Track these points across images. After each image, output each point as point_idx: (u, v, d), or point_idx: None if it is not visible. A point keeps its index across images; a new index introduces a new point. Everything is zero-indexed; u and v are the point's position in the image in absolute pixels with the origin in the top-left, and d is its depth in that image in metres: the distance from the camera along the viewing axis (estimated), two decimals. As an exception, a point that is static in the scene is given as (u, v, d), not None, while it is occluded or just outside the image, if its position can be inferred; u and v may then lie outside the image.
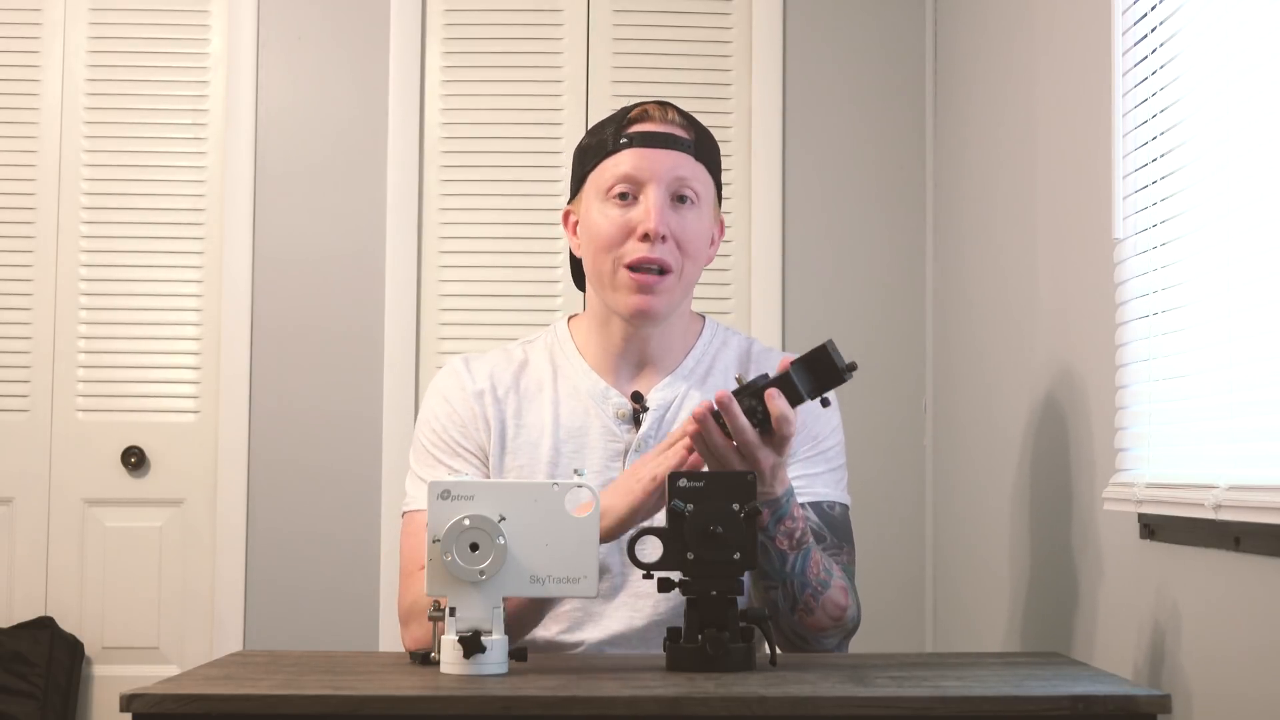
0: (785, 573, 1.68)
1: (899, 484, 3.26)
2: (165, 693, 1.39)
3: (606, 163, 1.83)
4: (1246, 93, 1.54)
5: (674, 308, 1.84)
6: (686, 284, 1.84)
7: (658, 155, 1.81)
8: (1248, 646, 1.51)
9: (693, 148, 1.83)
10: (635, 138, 1.82)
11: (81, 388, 3.32)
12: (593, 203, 1.84)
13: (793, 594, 1.70)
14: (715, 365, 1.90)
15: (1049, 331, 2.29)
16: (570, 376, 1.88)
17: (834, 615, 1.73)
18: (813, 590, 1.70)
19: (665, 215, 1.79)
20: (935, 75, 3.30)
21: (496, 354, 1.92)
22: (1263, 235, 1.50)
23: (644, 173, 1.80)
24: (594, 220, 1.83)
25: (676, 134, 1.83)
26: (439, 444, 1.86)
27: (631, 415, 1.85)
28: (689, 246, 1.81)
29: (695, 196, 1.82)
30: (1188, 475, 1.64)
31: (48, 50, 3.34)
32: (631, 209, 1.80)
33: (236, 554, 3.28)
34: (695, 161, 1.83)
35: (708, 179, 1.85)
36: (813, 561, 1.70)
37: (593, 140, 1.87)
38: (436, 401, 1.89)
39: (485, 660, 1.47)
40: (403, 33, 3.34)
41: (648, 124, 1.84)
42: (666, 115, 1.85)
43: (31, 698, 3.11)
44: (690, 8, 3.36)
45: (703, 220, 1.84)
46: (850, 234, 3.34)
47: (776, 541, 1.66)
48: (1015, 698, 1.39)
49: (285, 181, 3.34)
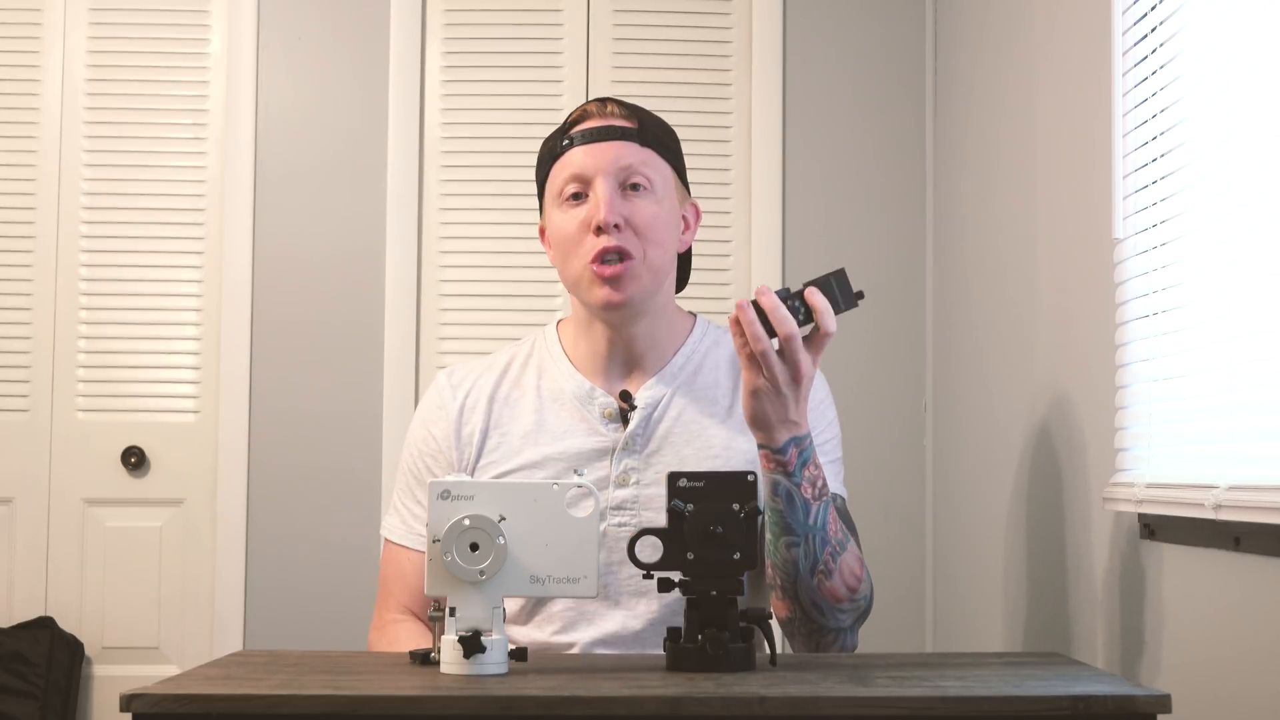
0: (809, 525, 1.66)
1: (899, 484, 3.26)
2: (165, 693, 1.39)
3: (555, 167, 1.85)
4: (1246, 93, 1.54)
5: (646, 295, 1.83)
6: (655, 270, 1.82)
7: (600, 148, 1.82)
8: (1248, 646, 1.51)
9: (637, 135, 1.83)
10: (577, 137, 1.83)
11: (81, 388, 3.32)
12: (552, 210, 1.86)
13: (814, 551, 1.67)
14: (705, 364, 1.89)
15: (1049, 332, 2.29)
16: (555, 379, 1.88)
17: (850, 585, 1.71)
18: (832, 549, 1.68)
19: (615, 204, 1.79)
20: (935, 75, 3.30)
21: (480, 362, 1.94)
22: (1263, 235, 1.50)
23: (589, 168, 1.81)
24: (555, 226, 1.85)
25: (616, 124, 1.84)
26: (413, 472, 1.91)
27: (619, 414, 1.84)
28: (647, 231, 1.81)
29: (647, 182, 1.82)
30: (1188, 475, 1.64)
31: (48, 50, 3.34)
32: (583, 206, 1.81)
33: (236, 554, 3.28)
34: (641, 148, 1.83)
35: (660, 164, 1.85)
36: (831, 517, 1.69)
37: (543, 150, 1.89)
38: (417, 425, 1.93)
39: (485, 660, 1.47)
40: (403, 33, 3.34)
41: (588, 122, 1.85)
42: (606, 109, 1.86)
43: (31, 698, 3.11)
44: (690, 8, 3.36)
45: (660, 204, 1.83)
46: (850, 234, 3.34)
47: (802, 489, 1.65)
48: (1015, 698, 1.39)
49: (285, 181, 3.34)
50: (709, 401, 1.86)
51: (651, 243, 1.81)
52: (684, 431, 1.84)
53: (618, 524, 1.80)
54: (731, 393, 1.87)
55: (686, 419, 1.85)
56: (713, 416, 1.86)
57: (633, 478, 1.81)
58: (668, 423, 1.84)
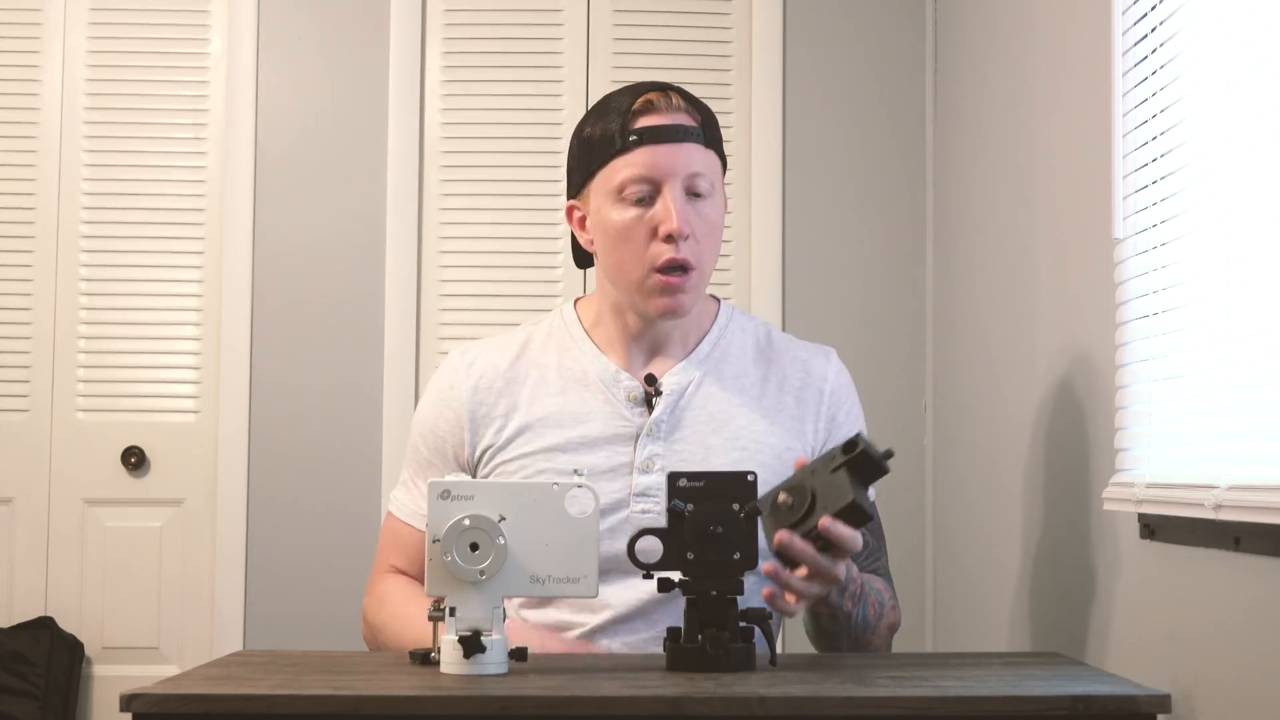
0: (849, 626, 1.71)
1: (899, 484, 3.25)
2: (165, 693, 1.39)
3: (617, 162, 1.78)
4: (1246, 93, 1.54)
5: (699, 300, 1.84)
6: (708, 276, 1.83)
7: (670, 151, 1.77)
8: (1248, 646, 1.51)
9: (701, 136, 1.80)
10: (644, 134, 1.77)
11: (81, 388, 3.32)
12: (605, 202, 1.80)
13: (855, 637, 1.73)
14: (732, 350, 1.87)
15: (1049, 331, 2.29)
16: (578, 360, 1.85)
17: (887, 635, 1.79)
18: (873, 628, 1.74)
19: (685, 213, 1.77)
20: (935, 75, 3.30)
21: (496, 341, 1.90)
22: (1263, 235, 1.50)
23: (658, 172, 1.77)
24: (611, 221, 1.79)
25: (685, 124, 1.79)
26: (419, 452, 1.89)
27: (644, 399, 1.82)
28: (708, 239, 1.80)
29: (709, 187, 1.80)
30: (1188, 475, 1.64)
31: (48, 50, 3.34)
32: (649, 209, 1.77)
33: (236, 554, 3.28)
34: (705, 149, 1.80)
35: (716, 163, 1.83)
36: (870, 604, 1.72)
37: (597, 133, 1.81)
38: (426, 405, 1.90)
39: (485, 660, 1.47)
40: (403, 33, 3.34)
41: (654, 116, 1.79)
42: (672, 103, 1.80)
43: (31, 698, 3.11)
44: (690, 7, 3.36)
45: (717, 209, 1.82)
46: (850, 234, 3.34)
47: (843, 607, 1.67)
48: (1015, 698, 1.39)
49: (285, 181, 3.34)
50: (737, 390, 1.84)
51: (709, 250, 1.81)
52: (710, 420, 1.82)
53: (641, 510, 1.77)
54: (761, 382, 1.86)
55: (714, 407, 1.83)
56: (742, 405, 1.84)
57: (656, 464, 1.78)
58: (694, 409, 1.82)
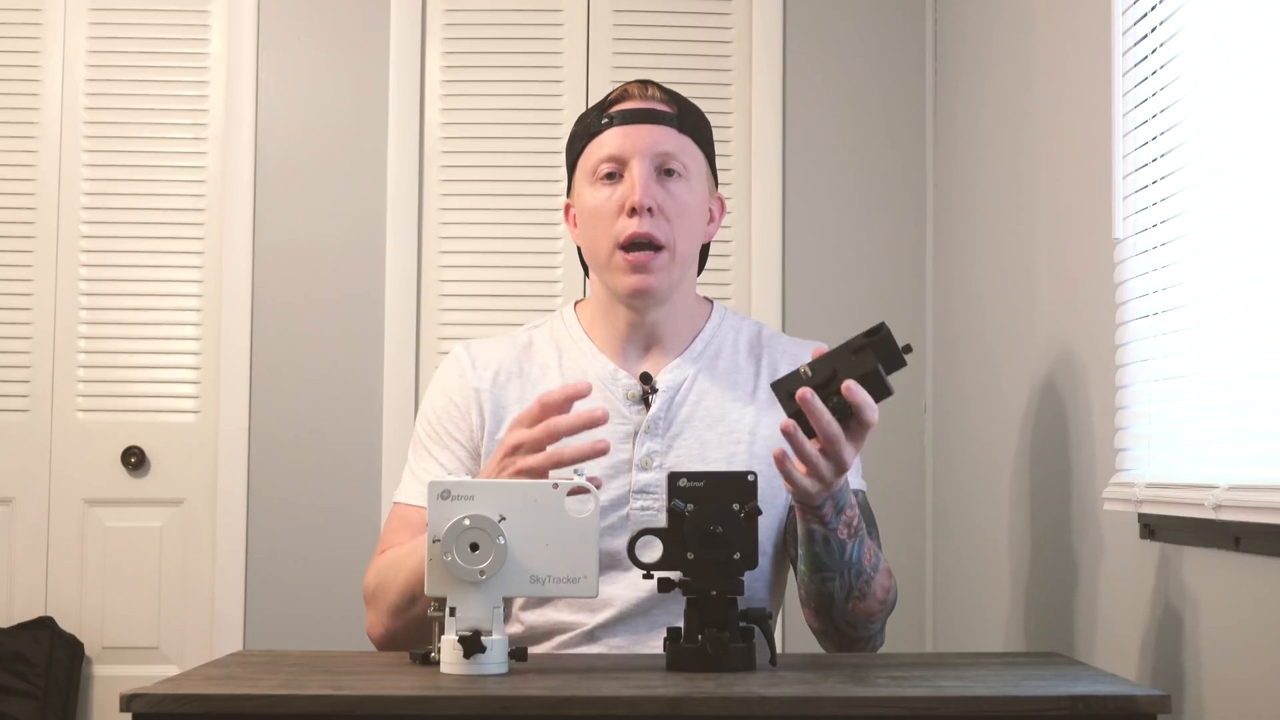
0: (844, 561, 1.68)
1: (899, 484, 3.26)
2: (165, 693, 1.39)
3: (591, 145, 1.84)
4: (1246, 93, 1.54)
5: (673, 285, 1.84)
6: (683, 259, 1.83)
7: (640, 130, 1.82)
8: (1248, 646, 1.51)
9: (676, 121, 1.84)
10: (616, 116, 1.83)
11: (81, 388, 3.32)
12: (583, 187, 1.85)
13: (849, 581, 1.70)
14: (725, 348, 1.90)
15: (1049, 331, 2.29)
16: (578, 359, 1.87)
17: (881, 598, 1.74)
18: (866, 576, 1.71)
19: (650, 187, 1.79)
20: (935, 75, 3.30)
21: (501, 339, 1.93)
22: (1263, 235, 1.50)
23: (626, 149, 1.81)
24: (585, 203, 1.84)
25: (657, 109, 1.84)
26: (430, 434, 1.87)
27: (641, 396, 1.84)
28: (679, 220, 1.81)
29: (683, 169, 1.82)
30: (1188, 475, 1.64)
31: (48, 50, 3.34)
32: (618, 186, 1.81)
33: (236, 554, 3.28)
34: (679, 134, 1.83)
35: (695, 152, 1.85)
36: (866, 548, 1.71)
37: (578, 127, 1.89)
38: (434, 393, 1.90)
39: (485, 660, 1.47)
40: (403, 33, 3.34)
41: (629, 102, 1.85)
42: (647, 91, 1.86)
43: (31, 698, 3.11)
44: (690, 7, 3.36)
45: (693, 193, 1.83)
46: (850, 233, 3.34)
47: (838, 532, 1.66)
48: (1015, 698, 1.39)
49: (285, 182, 3.34)
50: (731, 385, 1.86)
51: (681, 232, 1.81)
52: (706, 415, 1.84)
53: (640, 508, 1.79)
54: (754, 376, 1.88)
55: (709, 403, 1.84)
56: (736, 400, 1.85)
57: (655, 461, 1.80)
58: (690, 406, 1.84)
